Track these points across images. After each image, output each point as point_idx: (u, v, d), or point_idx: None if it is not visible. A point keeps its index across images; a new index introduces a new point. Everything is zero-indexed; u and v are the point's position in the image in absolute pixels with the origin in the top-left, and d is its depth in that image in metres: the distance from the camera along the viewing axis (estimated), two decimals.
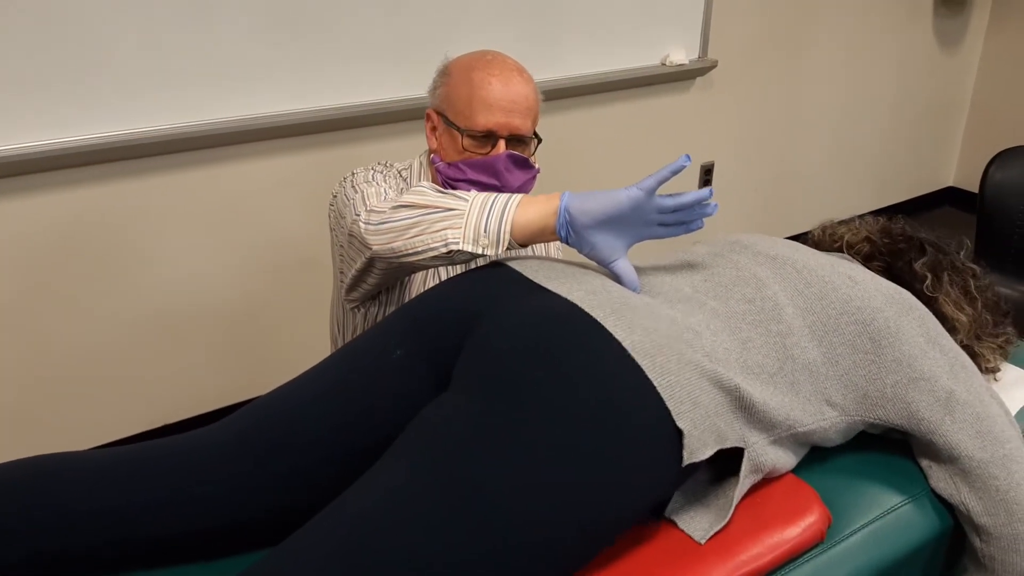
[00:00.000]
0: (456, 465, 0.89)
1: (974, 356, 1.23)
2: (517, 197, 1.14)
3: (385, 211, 1.19)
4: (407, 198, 1.18)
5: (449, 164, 1.39)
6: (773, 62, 3.27)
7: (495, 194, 1.15)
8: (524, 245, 1.14)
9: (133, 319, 2.16)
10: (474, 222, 1.12)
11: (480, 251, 1.12)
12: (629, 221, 1.09)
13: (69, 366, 2.10)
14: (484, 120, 1.35)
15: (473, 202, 1.14)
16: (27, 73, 1.81)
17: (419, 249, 1.15)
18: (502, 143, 1.37)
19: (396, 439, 0.97)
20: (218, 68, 2.02)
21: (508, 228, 1.11)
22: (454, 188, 1.38)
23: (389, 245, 1.18)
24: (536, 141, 1.43)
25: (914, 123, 3.95)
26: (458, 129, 1.37)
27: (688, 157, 1.06)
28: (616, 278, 1.10)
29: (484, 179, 1.36)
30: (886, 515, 1.11)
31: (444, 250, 1.13)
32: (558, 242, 1.52)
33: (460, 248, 1.12)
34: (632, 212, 1.08)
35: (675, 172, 1.07)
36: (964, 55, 3.97)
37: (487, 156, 1.36)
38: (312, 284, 2.38)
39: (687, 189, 3.15)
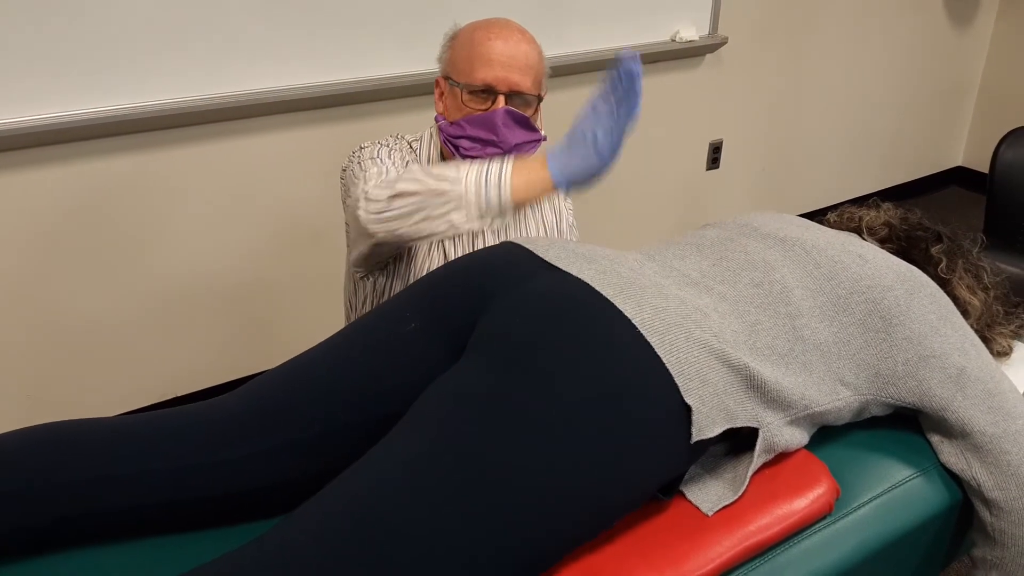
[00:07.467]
0: (469, 439, 0.89)
1: (985, 342, 1.24)
2: (508, 166, 1.17)
3: (382, 200, 1.21)
4: (401, 186, 1.20)
5: (451, 123, 1.41)
6: (783, 40, 3.24)
7: (485, 167, 1.18)
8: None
9: (145, 291, 2.16)
10: (475, 200, 1.16)
11: (487, 225, 1.17)
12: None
13: (81, 338, 2.11)
14: (482, 74, 1.37)
15: (467, 181, 1.17)
16: (43, 45, 1.80)
17: (425, 233, 1.20)
18: (501, 99, 1.38)
19: (408, 410, 0.98)
20: (233, 41, 2.01)
21: (508, 198, 1.17)
22: (455, 145, 1.40)
23: (394, 233, 1.22)
24: (538, 101, 1.44)
25: (923, 102, 3.92)
26: (459, 86, 1.39)
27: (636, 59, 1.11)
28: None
29: (482, 134, 1.38)
30: (895, 488, 1.12)
31: (452, 233, 1.18)
32: (570, 223, 1.60)
33: (469, 228, 1.17)
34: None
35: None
36: (974, 35, 3.94)
37: (486, 111, 1.38)
38: (325, 258, 2.38)
39: (695, 165, 3.15)
